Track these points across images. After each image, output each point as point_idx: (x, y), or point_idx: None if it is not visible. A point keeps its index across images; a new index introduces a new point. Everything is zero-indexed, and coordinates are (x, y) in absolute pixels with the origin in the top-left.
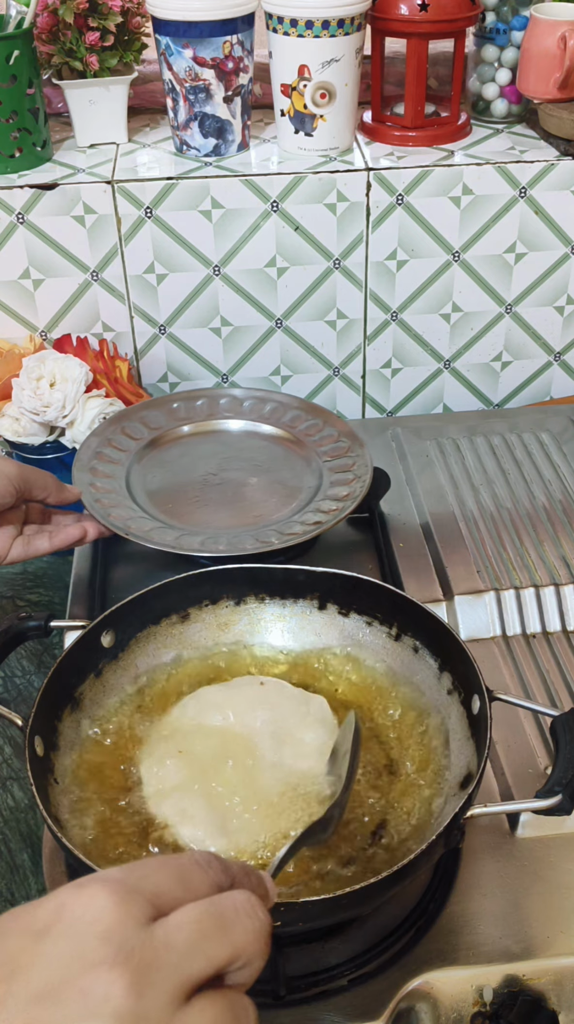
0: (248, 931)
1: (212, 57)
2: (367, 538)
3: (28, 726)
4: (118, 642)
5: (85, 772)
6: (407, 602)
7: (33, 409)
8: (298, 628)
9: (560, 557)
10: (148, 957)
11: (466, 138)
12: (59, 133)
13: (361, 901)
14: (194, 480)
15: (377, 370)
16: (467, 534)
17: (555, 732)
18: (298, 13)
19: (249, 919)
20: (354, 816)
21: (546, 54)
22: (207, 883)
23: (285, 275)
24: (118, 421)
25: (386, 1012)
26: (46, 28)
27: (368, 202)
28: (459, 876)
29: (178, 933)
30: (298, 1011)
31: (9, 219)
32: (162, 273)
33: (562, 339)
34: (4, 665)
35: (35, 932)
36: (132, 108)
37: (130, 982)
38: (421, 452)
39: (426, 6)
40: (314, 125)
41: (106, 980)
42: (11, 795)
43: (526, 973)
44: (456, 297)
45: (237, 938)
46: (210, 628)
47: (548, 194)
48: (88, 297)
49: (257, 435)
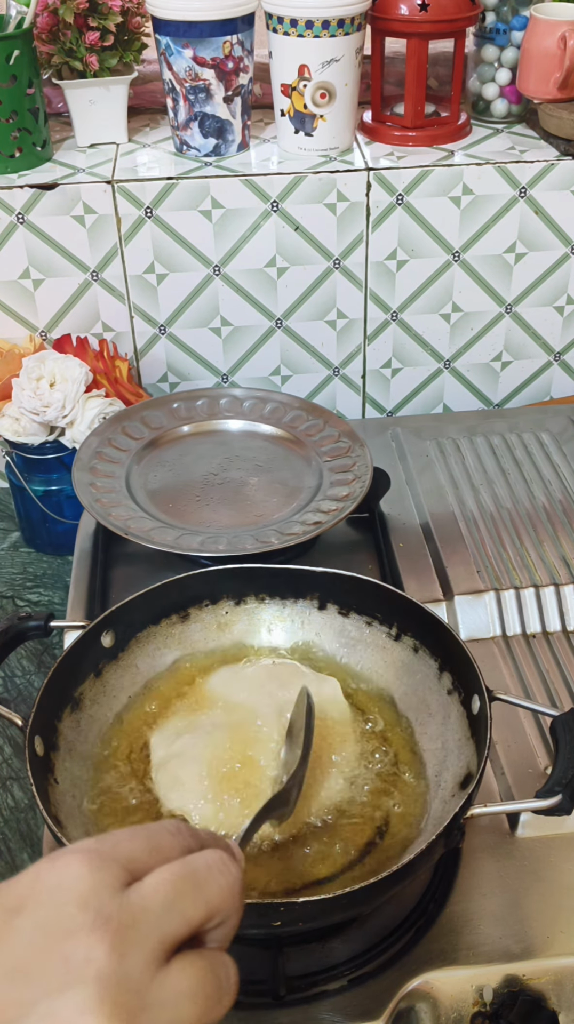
0: (222, 887)
1: (212, 57)
2: (367, 538)
3: (28, 726)
4: (118, 642)
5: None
6: (407, 602)
7: (33, 409)
8: (298, 628)
9: (560, 557)
10: (126, 920)
11: (466, 138)
12: (59, 133)
13: (361, 901)
14: (194, 480)
15: (377, 370)
16: (467, 534)
17: (555, 732)
18: (298, 13)
19: (222, 875)
20: (354, 816)
21: (546, 54)
22: (178, 847)
23: (285, 275)
24: (118, 421)
25: (386, 1012)
26: (46, 28)
27: (368, 202)
28: (459, 876)
29: (153, 895)
30: (298, 1011)
31: (9, 219)
32: (162, 273)
33: (562, 339)
34: (4, 665)
35: (9, 909)
36: (132, 108)
37: (111, 945)
38: (421, 452)
39: (426, 6)
40: (314, 125)
41: (86, 944)
42: (11, 795)
43: (526, 973)
44: (456, 297)
45: (211, 896)
46: (210, 628)
47: (548, 194)
48: (88, 297)
49: (257, 435)
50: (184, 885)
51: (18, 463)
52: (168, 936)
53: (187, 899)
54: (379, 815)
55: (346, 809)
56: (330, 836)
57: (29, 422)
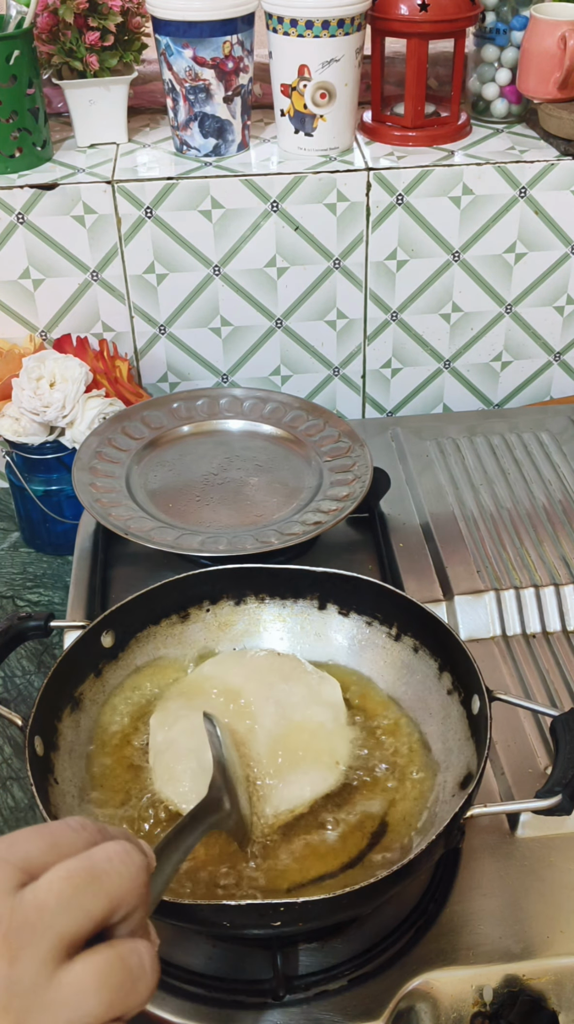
0: (124, 878)
1: (212, 57)
2: (367, 538)
3: (28, 726)
4: (118, 642)
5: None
6: (407, 602)
7: (33, 409)
8: (298, 628)
9: (560, 557)
10: (17, 921)
11: (466, 138)
12: (59, 133)
13: (361, 901)
14: (194, 480)
15: (377, 370)
16: (467, 534)
17: (555, 732)
18: (298, 13)
19: (123, 865)
20: (354, 816)
21: (546, 54)
22: (80, 843)
23: (285, 275)
24: (118, 421)
25: (386, 1012)
26: (46, 28)
27: (368, 202)
28: (459, 876)
29: (47, 892)
30: (298, 1011)
31: (9, 219)
32: (162, 273)
33: (562, 339)
34: (4, 665)
35: None
36: (132, 108)
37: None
38: (421, 452)
39: (426, 6)
40: (314, 125)
41: None
42: (11, 795)
43: (526, 973)
44: (456, 297)
45: (112, 887)
46: (210, 628)
47: (548, 194)
48: (88, 297)
49: (257, 435)
50: (81, 879)
51: (18, 463)
52: (67, 933)
53: (85, 893)
54: (379, 815)
55: (346, 809)
56: (330, 836)
57: (29, 422)
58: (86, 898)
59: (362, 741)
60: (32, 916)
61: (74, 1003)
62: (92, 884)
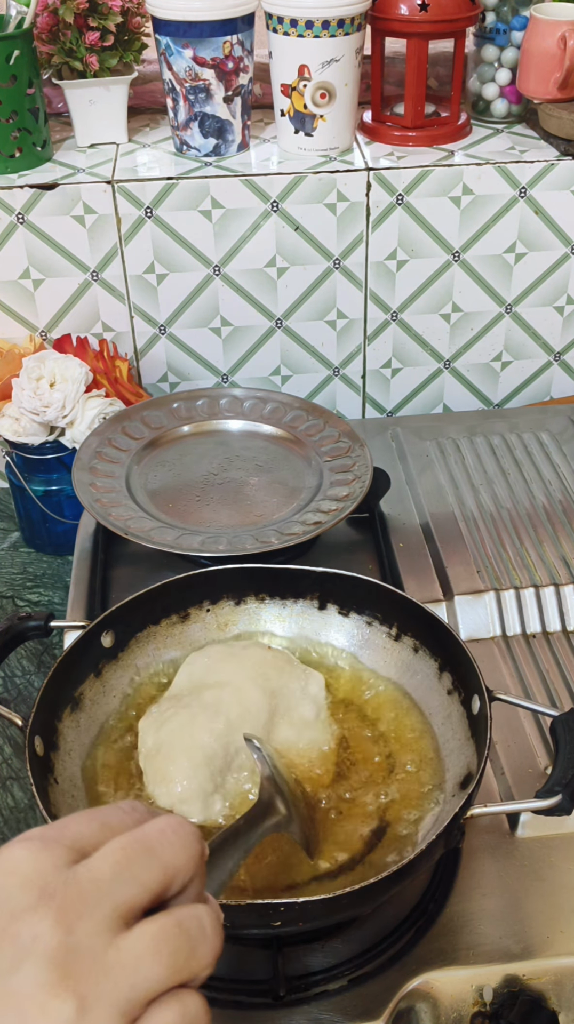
0: (177, 849)
1: (212, 57)
2: (367, 538)
3: (28, 726)
4: (118, 642)
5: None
6: (407, 602)
7: (33, 409)
8: (298, 628)
9: (560, 557)
10: (72, 894)
11: (466, 138)
12: (59, 133)
13: (361, 901)
14: (194, 480)
15: (377, 370)
16: (467, 534)
17: (555, 732)
18: (298, 13)
19: (176, 836)
20: (354, 817)
21: (546, 54)
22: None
23: (285, 275)
24: (118, 421)
25: (386, 1012)
26: (46, 28)
27: (368, 202)
28: (459, 876)
29: (102, 865)
30: (298, 1011)
31: (9, 219)
32: (162, 273)
33: (562, 339)
34: (4, 665)
35: None
36: (132, 108)
37: (55, 919)
38: (421, 452)
39: (426, 6)
40: (314, 125)
41: (31, 922)
42: (11, 795)
43: (526, 973)
44: (456, 297)
45: (167, 858)
46: (210, 628)
47: (548, 194)
48: (88, 297)
49: (257, 435)
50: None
51: (18, 463)
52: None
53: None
54: (379, 815)
55: (346, 809)
56: (330, 836)
57: (29, 422)
58: (141, 869)
59: (362, 741)
60: (87, 888)
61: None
62: (146, 855)
